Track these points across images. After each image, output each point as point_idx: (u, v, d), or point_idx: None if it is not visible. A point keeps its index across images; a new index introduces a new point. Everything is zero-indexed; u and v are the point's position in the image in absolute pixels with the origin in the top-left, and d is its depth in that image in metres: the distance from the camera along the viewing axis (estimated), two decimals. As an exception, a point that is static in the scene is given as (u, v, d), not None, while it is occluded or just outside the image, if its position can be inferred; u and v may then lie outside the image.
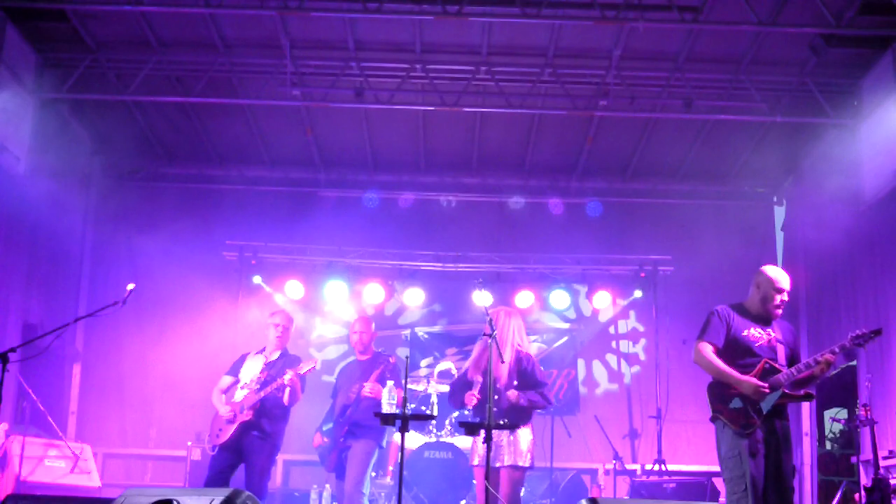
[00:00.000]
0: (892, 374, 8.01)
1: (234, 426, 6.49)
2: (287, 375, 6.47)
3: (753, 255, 10.38)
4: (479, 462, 6.06)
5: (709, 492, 8.18)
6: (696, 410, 9.18)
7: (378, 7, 7.75)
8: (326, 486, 8.46)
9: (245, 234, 10.40)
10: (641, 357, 10.79)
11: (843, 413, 10.54)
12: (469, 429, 5.53)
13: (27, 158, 8.61)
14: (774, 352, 5.19)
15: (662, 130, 9.91)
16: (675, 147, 10.29)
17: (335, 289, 10.39)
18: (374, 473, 8.03)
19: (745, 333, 5.21)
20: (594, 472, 10.16)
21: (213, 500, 4.39)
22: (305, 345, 10.56)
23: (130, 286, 5.93)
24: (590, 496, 7.43)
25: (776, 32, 8.09)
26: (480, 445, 5.99)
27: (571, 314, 10.90)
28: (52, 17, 8.23)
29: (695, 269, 10.29)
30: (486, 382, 5.56)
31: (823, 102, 8.75)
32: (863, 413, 7.27)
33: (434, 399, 6.27)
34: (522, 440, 6.00)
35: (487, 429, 5.25)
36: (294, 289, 10.42)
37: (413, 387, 8.59)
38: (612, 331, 10.94)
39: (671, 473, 9.04)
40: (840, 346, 5.03)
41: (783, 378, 5.05)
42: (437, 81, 8.97)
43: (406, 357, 5.62)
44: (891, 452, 7.68)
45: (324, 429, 7.28)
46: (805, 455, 9.91)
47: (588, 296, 10.69)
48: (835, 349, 5.01)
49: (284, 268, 10.49)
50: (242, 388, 6.67)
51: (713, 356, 5.17)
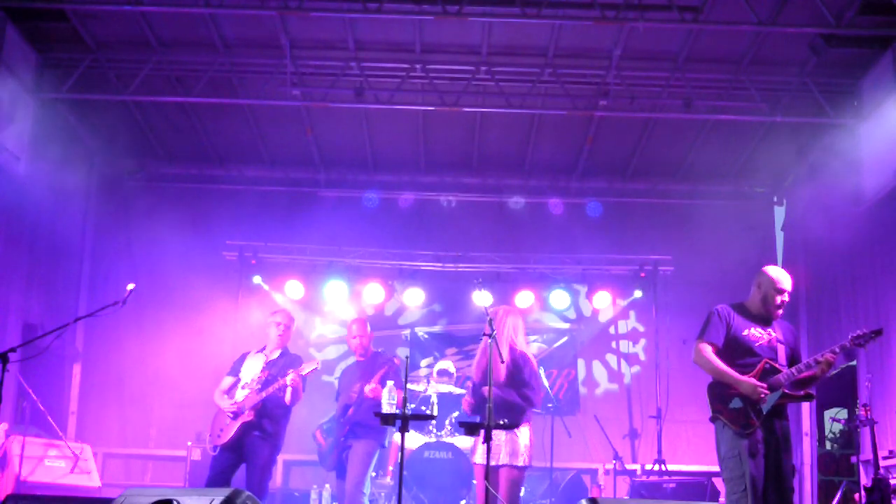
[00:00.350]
0: (892, 374, 8.02)
1: (236, 426, 6.49)
2: (289, 376, 6.46)
3: (753, 255, 10.38)
4: (478, 461, 6.05)
5: (709, 492, 8.19)
6: (696, 410, 9.15)
7: (378, 7, 7.75)
8: (326, 486, 8.46)
9: (245, 234, 10.40)
10: (641, 357, 10.79)
11: (843, 413, 10.54)
12: (469, 429, 5.53)
13: (27, 158, 8.60)
14: (775, 352, 5.19)
15: (662, 130, 9.91)
16: (675, 147, 10.29)
17: (335, 289, 10.39)
18: (375, 473, 8.03)
19: (746, 333, 5.21)
20: (594, 472, 10.17)
21: (213, 500, 4.39)
22: (305, 345, 10.57)
23: (130, 286, 5.93)
24: (590, 496, 7.43)
25: (776, 32, 8.09)
26: (480, 445, 5.99)
27: (571, 314, 10.91)
28: (52, 17, 8.22)
29: (695, 269, 10.30)
30: (486, 383, 5.54)
31: (823, 102, 8.75)
32: (863, 413, 7.27)
33: (434, 399, 6.24)
34: (520, 439, 5.99)
35: (487, 429, 5.25)
36: (294, 289, 10.42)
37: (413, 387, 8.59)
38: (612, 331, 10.94)
39: (671, 473, 9.04)
40: (840, 347, 5.02)
41: (783, 378, 5.05)
42: (437, 81, 8.97)
43: (406, 357, 5.63)
44: (891, 452, 7.69)
45: (324, 427, 7.28)
46: (805, 455, 9.91)
47: (588, 296, 10.69)
48: (835, 349, 5.01)
49: (284, 268, 10.49)
50: (243, 388, 6.66)
51: (713, 356, 5.17)
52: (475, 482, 7.20)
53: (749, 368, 5.12)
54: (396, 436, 7.49)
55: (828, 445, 11.05)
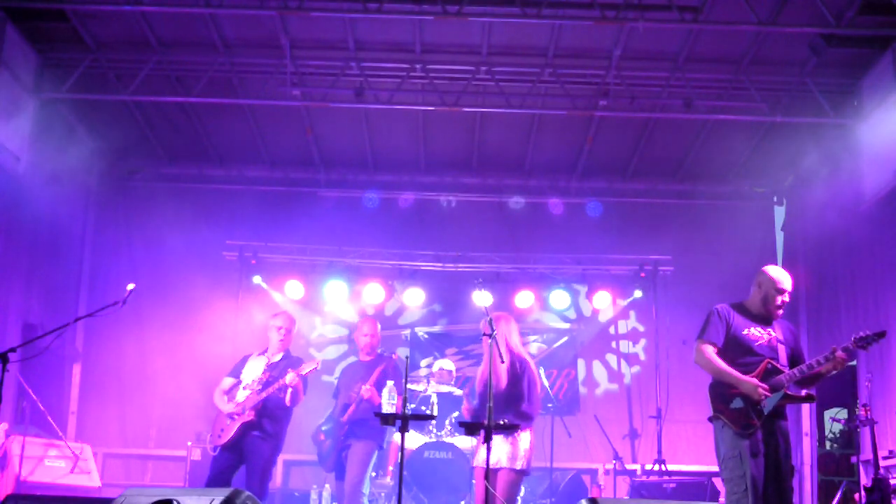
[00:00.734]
0: (892, 374, 8.01)
1: (236, 427, 6.49)
2: (289, 376, 6.47)
3: (753, 255, 10.39)
4: (479, 463, 6.04)
5: (709, 492, 8.18)
6: (696, 410, 9.16)
7: (378, 7, 7.75)
8: (326, 486, 8.46)
9: (245, 234, 10.39)
10: (641, 357, 10.79)
11: (843, 413, 10.55)
12: (469, 429, 5.53)
13: (27, 158, 8.60)
14: (775, 351, 5.18)
15: (662, 130, 9.91)
16: (675, 147, 10.28)
17: (335, 289, 10.39)
18: (374, 473, 8.03)
19: (746, 333, 5.20)
20: (594, 472, 10.16)
21: (213, 501, 4.39)
22: (305, 345, 10.57)
23: (130, 286, 5.93)
24: (590, 496, 7.43)
25: (776, 32, 8.09)
26: (481, 447, 5.98)
27: (571, 314, 10.90)
28: (52, 17, 8.23)
29: (695, 269, 10.30)
30: (487, 392, 5.53)
31: (823, 102, 8.74)
32: (863, 413, 7.28)
33: (434, 399, 6.24)
34: (521, 443, 5.97)
35: (487, 429, 5.25)
36: (294, 289, 10.43)
37: (413, 387, 8.59)
38: (612, 331, 10.94)
39: (671, 473, 9.04)
40: (843, 349, 5.01)
41: (785, 379, 5.05)
42: (437, 81, 8.97)
43: (406, 357, 5.63)
44: (891, 452, 7.69)
45: (324, 428, 7.28)
46: (805, 455, 9.91)
47: (588, 296, 10.69)
48: (847, 347, 4.99)
49: (284, 268, 10.49)
50: (244, 389, 6.66)
51: (714, 356, 5.16)
52: (474, 482, 7.21)
53: (750, 368, 5.11)
54: (396, 436, 7.49)
55: (828, 445, 11.06)
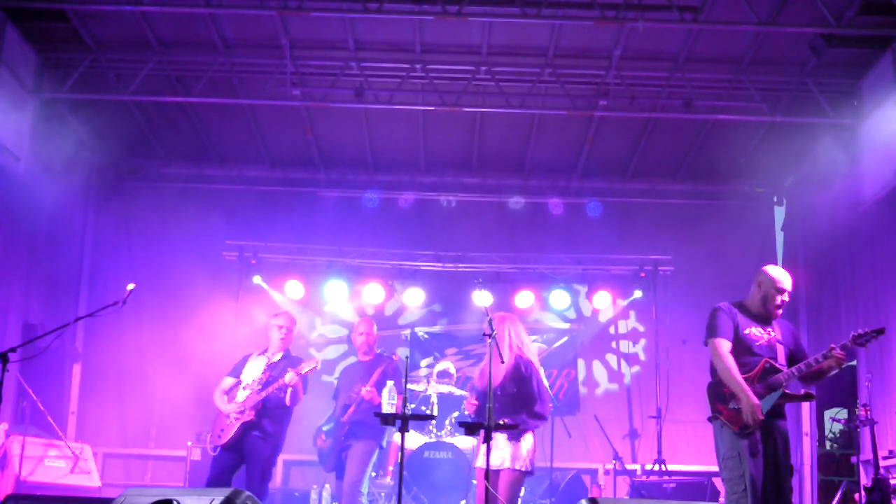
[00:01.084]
0: (892, 374, 8.01)
1: (236, 427, 6.49)
2: (288, 375, 6.47)
3: (753, 255, 10.40)
4: (480, 463, 6.03)
5: (709, 492, 8.19)
6: (696, 410, 9.15)
7: (378, 7, 7.75)
8: (326, 486, 8.46)
9: (245, 234, 10.40)
10: (641, 357, 10.79)
11: (843, 413, 10.54)
12: (469, 429, 5.52)
13: (27, 158, 8.60)
14: (774, 351, 5.18)
15: (662, 130, 9.91)
16: (675, 147, 10.28)
17: (335, 289, 10.40)
18: (374, 473, 8.03)
19: (747, 332, 5.19)
20: (594, 472, 10.16)
21: (213, 501, 4.39)
22: (305, 345, 10.57)
23: (130, 286, 5.92)
24: (590, 496, 7.43)
25: (776, 32, 8.09)
26: (481, 446, 5.98)
27: (571, 314, 10.91)
28: (52, 17, 8.23)
29: (695, 269, 10.30)
30: (485, 385, 5.54)
31: (823, 102, 8.75)
32: (863, 413, 7.28)
33: (434, 399, 6.24)
34: (523, 444, 5.95)
35: (487, 429, 5.24)
36: (294, 289, 10.43)
37: (413, 387, 8.59)
38: (612, 331, 10.94)
39: (671, 473, 9.04)
40: (842, 346, 5.01)
41: (783, 377, 5.04)
42: (437, 81, 8.97)
43: (406, 357, 5.63)
44: (891, 452, 7.68)
45: (325, 428, 7.28)
46: (805, 455, 9.91)
47: (588, 296, 10.69)
48: (845, 344, 4.99)
49: (284, 268, 10.50)
50: (244, 389, 6.66)
51: (730, 358, 5.06)
52: (475, 483, 7.20)
53: (748, 368, 5.10)
54: (396, 436, 7.50)
55: (828, 445, 11.05)
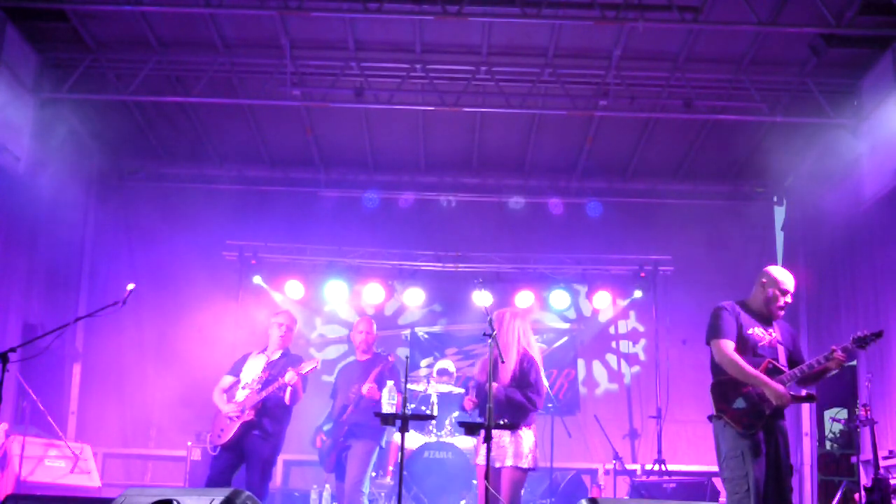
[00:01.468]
0: (892, 374, 8.01)
1: (236, 426, 6.48)
2: (288, 375, 6.46)
3: (753, 255, 10.41)
4: (481, 462, 6.04)
5: (709, 492, 8.18)
6: (696, 410, 9.17)
7: (378, 7, 7.75)
8: (326, 486, 8.45)
9: (245, 234, 10.39)
10: (641, 357, 10.79)
11: (843, 413, 10.54)
12: (469, 429, 5.52)
13: (27, 158, 8.61)
14: (775, 352, 5.16)
15: (662, 130, 9.91)
16: (675, 147, 10.29)
17: (335, 289, 10.40)
18: (374, 473, 8.02)
19: (750, 332, 5.16)
20: (594, 472, 10.16)
21: (214, 500, 4.39)
22: (305, 345, 10.57)
23: (130, 286, 5.92)
24: (590, 496, 7.43)
25: (776, 32, 8.09)
26: (482, 445, 5.98)
27: (571, 314, 10.91)
28: (52, 17, 8.23)
29: (695, 269, 10.30)
30: (486, 383, 5.54)
31: (823, 102, 8.75)
32: (863, 413, 7.28)
33: (434, 399, 6.24)
34: (525, 441, 5.96)
35: (487, 429, 5.24)
36: (294, 289, 10.43)
37: (413, 387, 8.58)
38: (612, 331, 10.94)
39: (671, 473, 9.04)
40: (842, 348, 5.00)
41: (786, 379, 5.03)
42: (437, 81, 8.97)
43: (406, 357, 5.62)
44: (891, 452, 7.69)
45: (324, 429, 7.28)
46: (805, 455, 9.91)
47: (588, 296, 10.69)
48: (846, 347, 4.98)
49: (284, 268, 10.49)
50: (244, 388, 6.66)
51: (737, 355, 5.06)
52: (475, 482, 7.20)
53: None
54: (396, 436, 7.50)
55: (828, 445, 11.05)
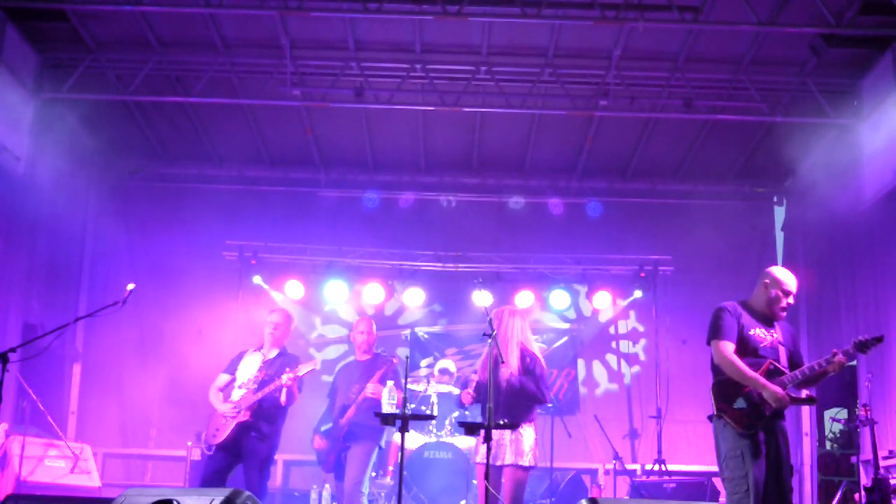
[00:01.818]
0: (892, 374, 8.02)
1: (231, 426, 6.47)
2: (285, 377, 6.45)
3: (753, 255, 10.42)
4: (481, 460, 6.04)
5: (709, 492, 8.18)
6: (696, 410, 9.18)
7: (378, 7, 7.75)
8: (326, 486, 8.45)
9: (245, 234, 10.39)
10: (641, 357, 10.79)
11: (843, 413, 10.55)
12: (469, 429, 5.53)
13: (27, 158, 8.60)
14: (776, 353, 5.15)
15: (662, 130, 9.91)
16: (675, 147, 10.28)
17: (335, 289, 10.40)
18: (374, 473, 8.02)
19: (752, 333, 5.14)
20: (594, 472, 10.16)
21: (214, 500, 4.39)
22: (305, 345, 10.57)
23: (130, 286, 5.91)
24: (590, 496, 7.43)
25: (776, 32, 8.09)
26: (482, 445, 5.98)
27: (571, 314, 10.91)
28: (52, 17, 8.23)
29: (695, 269, 10.30)
30: (486, 381, 5.54)
31: (823, 102, 8.74)
32: (863, 413, 7.28)
33: (434, 399, 6.24)
34: (525, 439, 5.96)
35: (487, 429, 5.25)
36: (294, 289, 10.43)
37: (413, 387, 8.59)
38: (612, 331, 10.95)
39: (671, 473, 9.04)
40: (844, 352, 4.99)
41: (787, 380, 5.02)
42: (437, 81, 8.97)
43: (406, 357, 5.62)
44: (891, 452, 7.69)
45: (322, 429, 7.27)
46: (805, 455, 9.91)
47: (588, 296, 10.69)
48: (848, 350, 4.98)
49: (284, 268, 10.49)
50: (240, 388, 6.64)
51: (736, 357, 5.05)
52: (475, 482, 7.20)
53: (753, 369, 5.07)
54: (396, 436, 7.49)
55: (828, 445, 11.06)
